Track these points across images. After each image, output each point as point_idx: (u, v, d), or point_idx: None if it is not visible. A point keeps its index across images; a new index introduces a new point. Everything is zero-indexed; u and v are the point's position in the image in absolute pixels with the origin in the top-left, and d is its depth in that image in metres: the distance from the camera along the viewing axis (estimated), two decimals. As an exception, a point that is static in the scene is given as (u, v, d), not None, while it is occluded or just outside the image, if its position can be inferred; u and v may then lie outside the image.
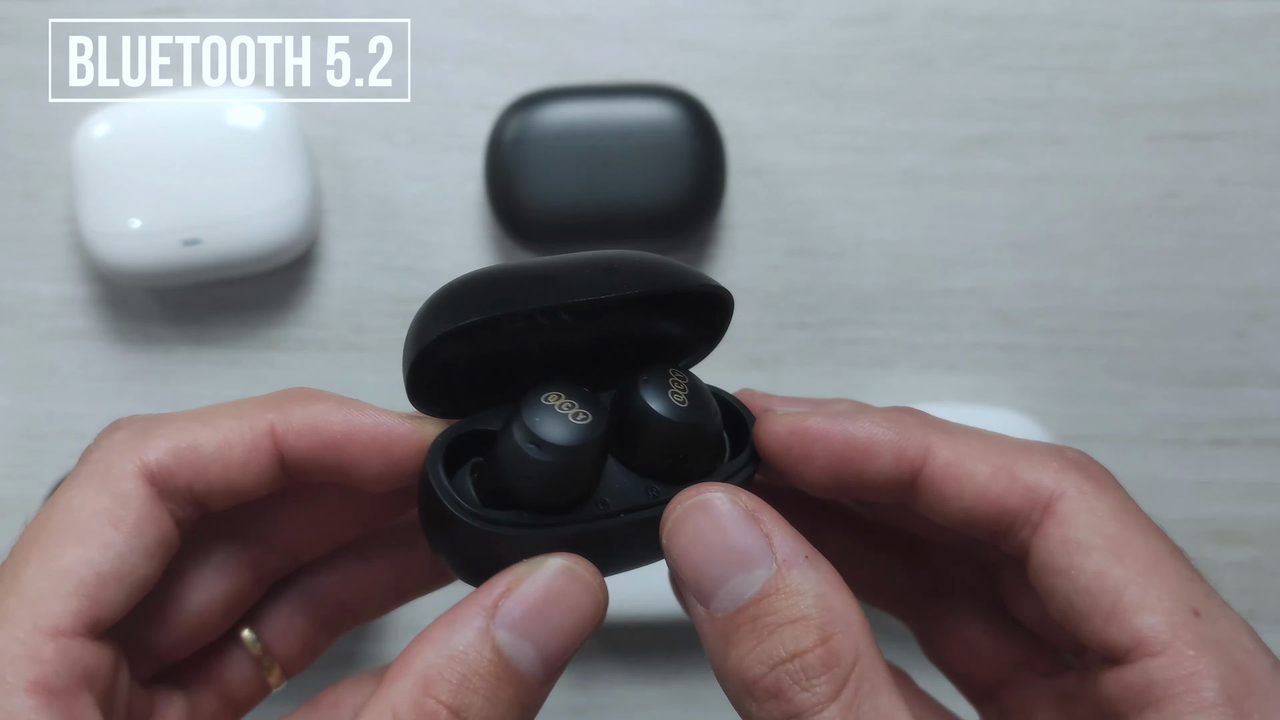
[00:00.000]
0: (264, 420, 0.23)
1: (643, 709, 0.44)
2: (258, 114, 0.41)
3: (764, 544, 0.21)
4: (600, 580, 0.22)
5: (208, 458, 0.22)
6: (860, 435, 0.23)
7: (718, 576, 0.21)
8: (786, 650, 0.20)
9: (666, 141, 0.41)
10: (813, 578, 0.20)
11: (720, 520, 0.21)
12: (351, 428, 0.23)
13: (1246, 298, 0.44)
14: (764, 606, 0.20)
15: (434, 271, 0.44)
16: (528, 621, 0.21)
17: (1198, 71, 0.43)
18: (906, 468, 0.23)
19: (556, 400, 0.22)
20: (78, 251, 0.44)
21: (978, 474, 0.22)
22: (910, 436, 0.23)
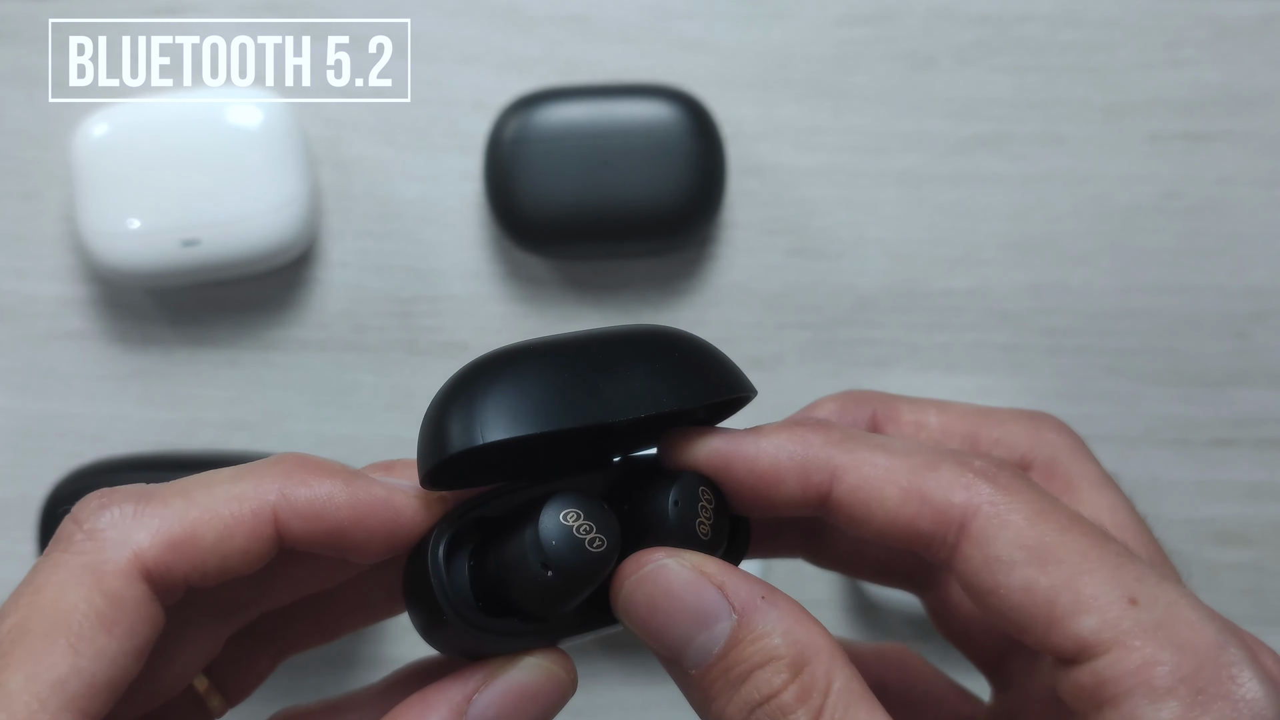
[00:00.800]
0: (266, 505, 0.21)
1: (642, 710, 0.44)
2: (257, 114, 0.41)
3: (717, 597, 0.21)
4: (573, 673, 0.23)
5: (207, 550, 0.21)
6: (762, 461, 0.22)
7: (682, 638, 0.21)
8: (760, 693, 0.20)
9: (666, 141, 0.41)
10: (773, 616, 0.20)
11: (669, 586, 0.21)
12: (359, 512, 0.22)
13: (1247, 298, 0.44)
14: (733, 658, 0.20)
15: (433, 271, 0.44)
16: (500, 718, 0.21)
17: (1198, 71, 0.43)
18: (814, 493, 0.22)
19: (575, 521, 0.21)
20: (77, 252, 0.44)
21: (886, 498, 0.22)
22: (813, 459, 0.22)
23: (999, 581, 0.21)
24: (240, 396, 0.44)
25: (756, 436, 0.23)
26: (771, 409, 0.44)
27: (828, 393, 0.29)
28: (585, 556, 0.21)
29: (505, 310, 0.44)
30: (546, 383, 0.22)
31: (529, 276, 0.44)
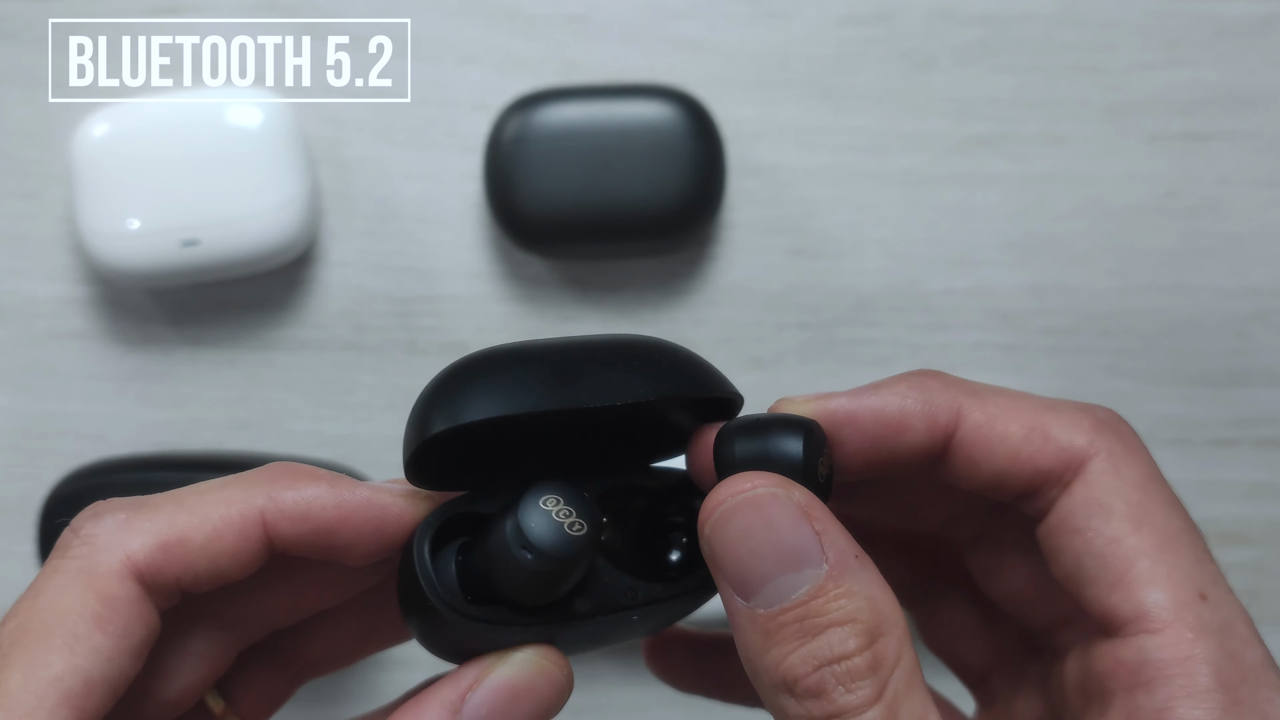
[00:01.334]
0: (254, 508, 0.22)
1: (641, 710, 0.44)
2: (256, 114, 0.41)
3: (815, 543, 0.20)
4: (567, 670, 0.22)
5: (196, 551, 0.21)
6: (889, 410, 0.22)
7: (764, 574, 0.20)
8: (834, 652, 0.20)
9: (666, 141, 0.41)
10: (863, 579, 0.20)
11: (773, 517, 0.20)
12: (345, 511, 0.22)
13: (1247, 298, 0.44)
14: (812, 608, 0.20)
15: (433, 271, 0.44)
16: (494, 718, 0.21)
17: (1198, 71, 0.43)
18: (940, 436, 0.22)
19: (554, 506, 0.22)
20: (77, 252, 0.44)
21: (1010, 435, 0.22)
22: (938, 402, 0.22)
23: (1091, 524, 0.21)
24: (240, 396, 0.44)
25: (876, 389, 0.23)
26: (769, 409, 0.44)
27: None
28: (564, 539, 0.22)
29: (505, 310, 0.44)
30: (527, 373, 0.22)
31: (529, 276, 0.44)
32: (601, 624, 0.23)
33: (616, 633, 0.23)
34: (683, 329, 0.44)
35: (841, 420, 0.22)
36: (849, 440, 0.22)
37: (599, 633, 0.23)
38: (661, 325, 0.44)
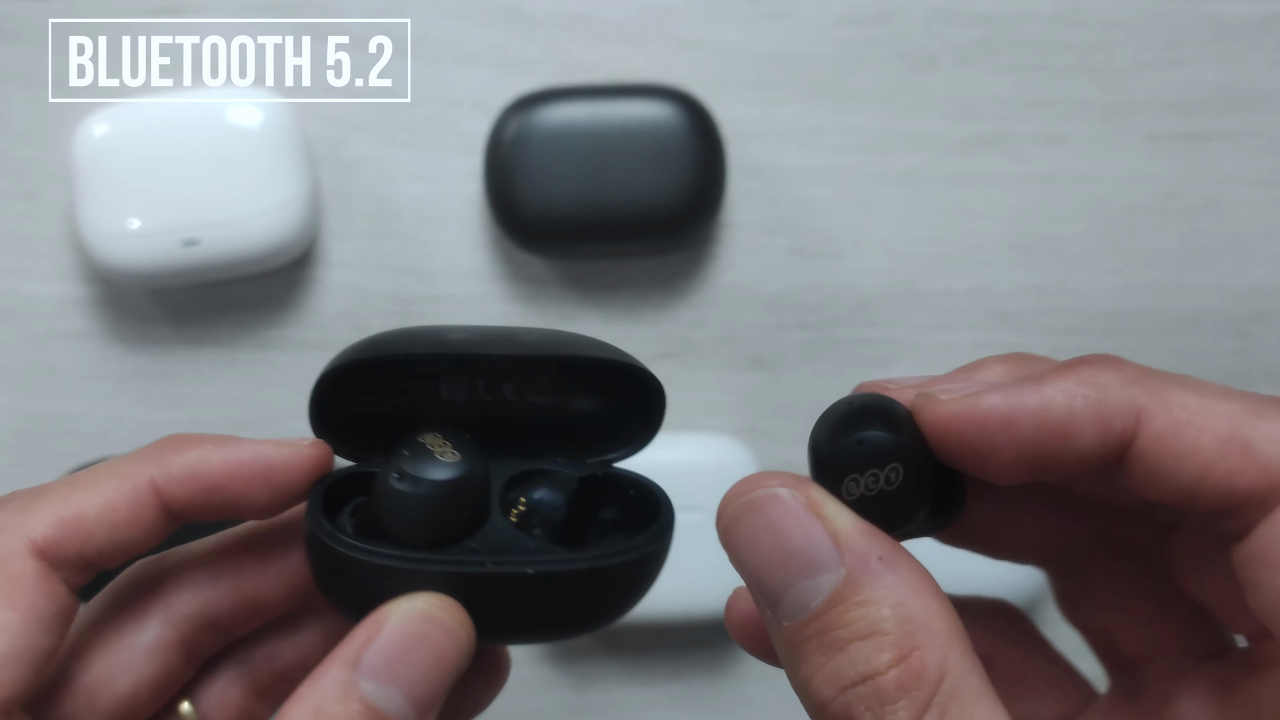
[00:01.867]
0: (144, 475, 0.23)
1: (641, 710, 0.44)
2: (256, 114, 0.41)
3: (829, 545, 0.18)
4: (463, 620, 0.22)
5: (93, 522, 0.22)
6: (1053, 413, 0.19)
7: (780, 583, 0.18)
8: (857, 671, 0.17)
9: (666, 141, 0.41)
10: (888, 582, 0.18)
11: (777, 520, 0.19)
12: (230, 465, 0.23)
13: (1247, 298, 0.44)
14: (831, 619, 0.18)
15: (433, 271, 0.44)
16: (391, 668, 0.21)
17: (1199, 71, 0.43)
18: (1114, 444, 0.19)
19: (432, 440, 0.23)
20: (77, 251, 0.44)
21: (1201, 448, 0.18)
22: (1114, 402, 0.18)
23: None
24: (240, 396, 0.44)
25: (1038, 386, 0.19)
26: (771, 409, 0.44)
27: (828, 393, 0.27)
28: (435, 465, 0.22)
29: (505, 310, 0.44)
30: (414, 331, 0.24)
31: (529, 276, 0.44)
32: (500, 580, 0.22)
33: (524, 599, 0.23)
34: (683, 329, 0.44)
35: (995, 426, 0.19)
36: (1003, 448, 0.19)
37: (503, 593, 0.22)
38: (661, 325, 0.44)
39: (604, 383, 0.26)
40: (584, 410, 0.26)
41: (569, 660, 0.44)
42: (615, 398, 0.26)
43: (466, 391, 0.26)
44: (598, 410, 0.26)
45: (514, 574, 0.22)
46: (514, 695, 0.44)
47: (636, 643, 0.44)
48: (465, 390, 0.26)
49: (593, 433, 0.26)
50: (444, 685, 0.21)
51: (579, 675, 0.44)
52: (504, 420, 0.26)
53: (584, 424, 0.26)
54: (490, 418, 0.26)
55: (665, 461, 0.41)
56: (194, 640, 0.25)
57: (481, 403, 0.26)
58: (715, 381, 0.44)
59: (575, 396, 0.26)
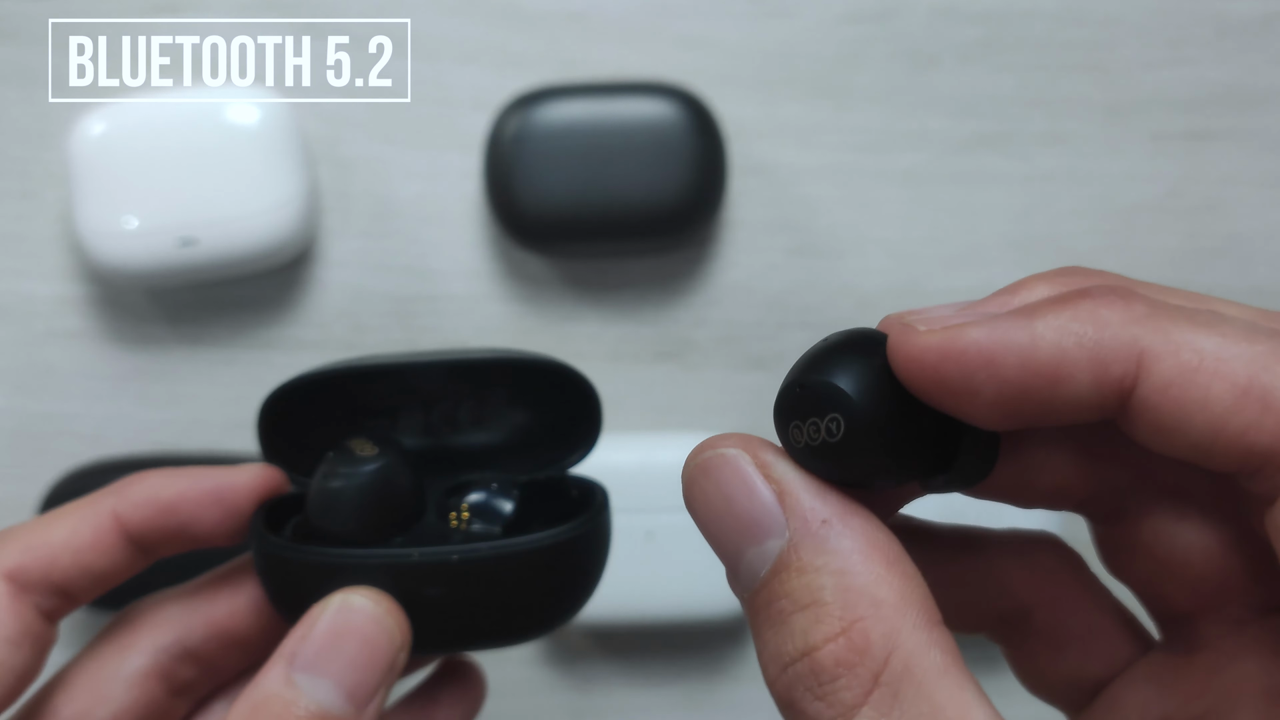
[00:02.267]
0: (105, 505, 0.24)
1: (642, 713, 0.44)
2: (254, 113, 0.41)
3: (775, 506, 0.17)
4: (393, 610, 0.22)
5: (58, 548, 0.24)
6: (1042, 353, 0.16)
7: (734, 549, 0.17)
8: (795, 646, 0.16)
9: (667, 140, 0.41)
10: (832, 547, 0.16)
11: (724, 482, 0.17)
12: (182, 488, 0.24)
13: (1250, 297, 0.44)
14: (775, 588, 0.16)
15: (432, 271, 0.44)
16: (321, 660, 0.21)
17: (1201, 70, 0.43)
18: (1112, 391, 0.16)
19: (357, 443, 0.24)
20: (75, 251, 0.44)
21: (1213, 399, 0.16)
22: (1113, 343, 0.16)
23: None
24: (238, 396, 0.44)
25: (1029, 320, 0.16)
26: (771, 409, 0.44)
27: None
28: (356, 461, 0.23)
29: (505, 310, 0.44)
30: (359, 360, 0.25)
31: (529, 275, 0.44)
32: (425, 569, 0.22)
33: (447, 586, 0.23)
34: (683, 329, 0.44)
35: (975, 364, 0.16)
36: (984, 390, 0.16)
37: (425, 578, 0.23)
38: (661, 325, 0.44)
39: (542, 392, 0.27)
40: (528, 425, 0.27)
41: (569, 662, 0.44)
42: (556, 409, 0.27)
43: (419, 417, 0.27)
44: (542, 424, 0.27)
45: (439, 562, 0.22)
46: (514, 697, 0.44)
47: (637, 645, 0.44)
48: (418, 416, 0.27)
49: (541, 446, 0.27)
50: (377, 674, 0.22)
51: (579, 677, 0.44)
52: (452, 438, 0.27)
53: (531, 439, 0.27)
54: (439, 437, 0.27)
55: (665, 462, 0.41)
56: (173, 671, 0.26)
57: (431, 424, 0.27)
58: (715, 381, 0.44)
59: (518, 410, 0.27)
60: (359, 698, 0.21)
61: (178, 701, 0.26)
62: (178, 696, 0.26)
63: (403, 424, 0.27)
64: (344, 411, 0.27)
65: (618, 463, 0.41)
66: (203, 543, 0.25)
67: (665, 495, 0.41)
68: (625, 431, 0.42)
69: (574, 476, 0.27)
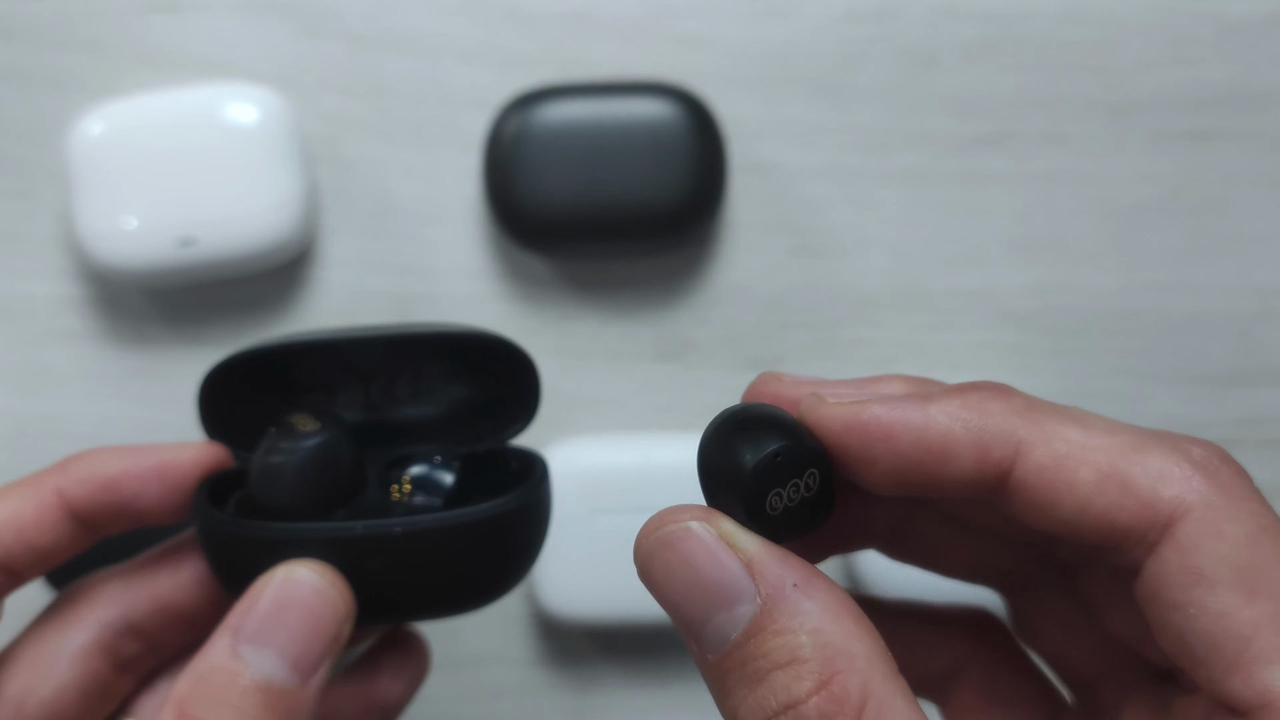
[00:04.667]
0: (49, 482, 0.24)
1: (643, 713, 0.44)
2: (254, 111, 0.41)
3: (743, 575, 0.18)
4: (336, 581, 0.22)
5: (0, 525, 0.24)
6: (932, 433, 0.19)
7: (699, 617, 0.18)
8: (779, 700, 0.17)
9: (667, 139, 0.41)
10: (805, 609, 0.18)
11: (690, 554, 0.19)
12: (125, 464, 0.24)
13: (1252, 297, 0.44)
14: (750, 649, 0.18)
15: (432, 271, 0.44)
16: (265, 632, 0.22)
17: (1204, 70, 0.43)
18: (991, 471, 0.19)
19: (298, 418, 0.24)
20: (73, 251, 0.43)
21: (1079, 482, 0.18)
22: (994, 431, 0.19)
23: (1192, 598, 0.17)
24: (238, 397, 0.44)
25: (924, 403, 0.19)
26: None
27: None
28: (296, 436, 0.24)
29: (505, 310, 0.44)
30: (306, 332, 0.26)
31: (529, 275, 0.44)
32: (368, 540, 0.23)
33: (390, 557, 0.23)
34: (683, 329, 0.44)
35: (875, 436, 0.19)
36: (881, 459, 0.19)
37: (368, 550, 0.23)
38: (662, 325, 0.44)
39: (480, 365, 0.27)
40: (467, 397, 0.28)
41: (569, 663, 0.44)
42: (496, 382, 0.27)
43: (359, 393, 0.27)
44: (480, 396, 0.27)
45: (382, 534, 0.23)
46: (512, 698, 0.44)
47: (637, 645, 0.44)
48: (358, 392, 0.27)
49: (479, 418, 0.27)
50: (321, 645, 0.22)
51: (579, 678, 0.44)
52: (395, 416, 0.27)
53: (471, 412, 0.27)
54: (379, 411, 0.27)
55: (665, 461, 0.41)
56: (117, 646, 0.26)
57: (370, 399, 0.27)
58: (715, 381, 0.44)
59: (457, 384, 0.28)
60: (304, 668, 0.22)
61: (122, 677, 0.26)
62: (122, 672, 0.26)
63: (342, 398, 0.27)
64: (283, 387, 0.27)
65: (618, 463, 0.41)
66: (146, 519, 0.25)
67: (665, 495, 0.41)
68: (625, 431, 0.42)
69: (514, 448, 0.27)
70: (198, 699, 0.21)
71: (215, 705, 0.21)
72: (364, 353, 0.27)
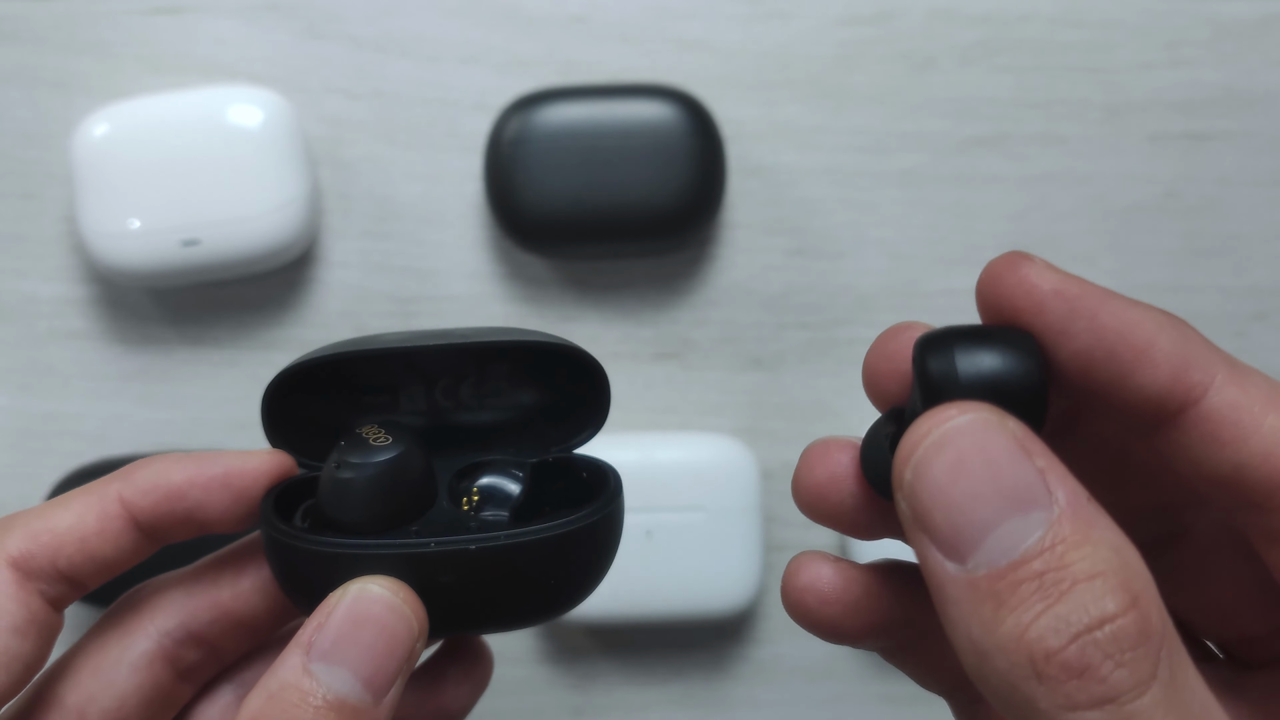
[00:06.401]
0: (111, 490, 0.24)
1: (642, 711, 0.44)
2: (257, 113, 0.41)
3: (1039, 480, 0.16)
4: (410, 599, 0.22)
5: (63, 534, 0.23)
6: (1141, 331, 0.18)
7: (986, 521, 0.16)
8: (1091, 615, 0.15)
9: (666, 141, 0.41)
10: (1104, 523, 0.16)
11: (991, 450, 0.17)
12: (189, 473, 0.24)
13: (1247, 297, 0.44)
14: (1053, 557, 0.16)
15: (433, 271, 0.44)
16: (339, 649, 0.21)
17: (1198, 71, 0.43)
18: (1182, 392, 0.18)
19: (369, 430, 0.24)
20: (77, 251, 0.44)
21: (1267, 427, 0.17)
22: (1196, 355, 0.18)
23: None
24: (240, 396, 0.44)
25: (1133, 303, 0.18)
26: (771, 409, 0.44)
27: (828, 393, 0.27)
28: (369, 450, 0.23)
29: (505, 310, 0.44)
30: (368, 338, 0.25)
31: (529, 276, 0.44)
32: (442, 557, 0.22)
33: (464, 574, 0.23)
34: (683, 329, 0.44)
35: (1082, 311, 0.18)
36: (1079, 337, 0.18)
37: (441, 567, 0.23)
38: (661, 325, 0.44)
39: (550, 373, 0.27)
40: (534, 403, 0.27)
41: (569, 660, 0.44)
42: (563, 388, 0.27)
43: (421, 395, 0.27)
44: (548, 402, 0.27)
45: (457, 551, 0.22)
46: (513, 695, 0.44)
47: (637, 642, 0.44)
48: (420, 394, 0.27)
49: (547, 425, 0.27)
50: (395, 663, 0.22)
51: (579, 675, 0.44)
52: (459, 420, 0.27)
53: (537, 417, 0.27)
54: (443, 416, 0.27)
55: (665, 461, 0.42)
56: (178, 655, 0.25)
57: (436, 405, 0.27)
58: (715, 381, 0.44)
59: (524, 390, 0.27)
60: (377, 687, 0.21)
61: (183, 685, 0.26)
62: (183, 680, 0.26)
63: (404, 401, 0.27)
64: (345, 391, 0.26)
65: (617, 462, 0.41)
66: (210, 529, 0.24)
67: (665, 494, 0.41)
68: (625, 431, 0.43)
69: (583, 457, 0.26)
70: (269, 718, 0.20)
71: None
72: (432, 360, 0.26)
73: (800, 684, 0.44)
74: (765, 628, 0.44)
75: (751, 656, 0.44)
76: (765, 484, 0.43)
